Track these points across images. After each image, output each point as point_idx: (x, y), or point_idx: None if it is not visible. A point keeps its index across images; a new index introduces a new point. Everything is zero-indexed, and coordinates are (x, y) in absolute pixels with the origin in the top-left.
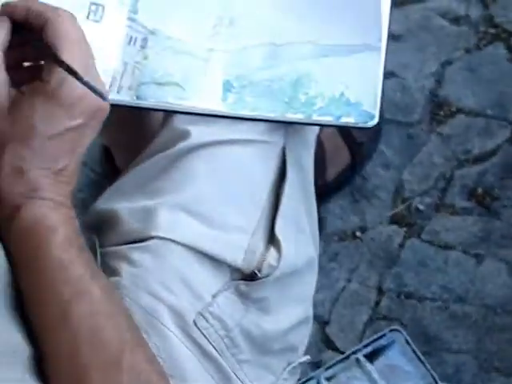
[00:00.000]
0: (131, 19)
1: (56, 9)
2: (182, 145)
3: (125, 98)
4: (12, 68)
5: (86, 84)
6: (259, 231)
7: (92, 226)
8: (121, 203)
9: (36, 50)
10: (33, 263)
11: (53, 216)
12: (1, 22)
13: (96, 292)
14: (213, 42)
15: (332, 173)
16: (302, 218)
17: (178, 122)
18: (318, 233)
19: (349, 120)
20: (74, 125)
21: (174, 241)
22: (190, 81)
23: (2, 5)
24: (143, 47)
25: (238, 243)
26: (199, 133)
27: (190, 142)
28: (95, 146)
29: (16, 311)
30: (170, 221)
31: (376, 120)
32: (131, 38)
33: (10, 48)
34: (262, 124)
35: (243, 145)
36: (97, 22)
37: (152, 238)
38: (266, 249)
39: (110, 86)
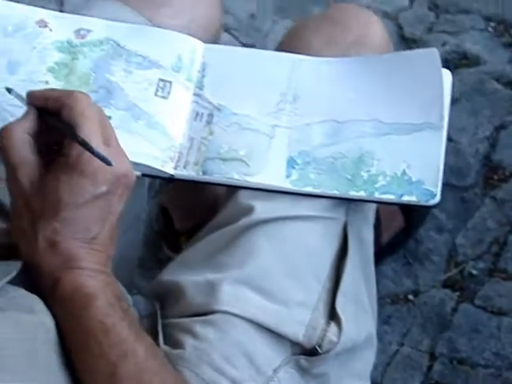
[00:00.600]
0: (197, 95)
1: (71, 92)
2: (245, 220)
3: (191, 173)
4: (40, 150)
5: (93, 153)
6: (320, 306)
7: (155, 296)
8: (185, 276)
9: (59, 132)
10: (77, 329)
11: (91, 284)
12: (28, 110)
13: (141, 352)
14: (277, 119)
15: (386, 236)
16: (361, 292)
17: (243, 197)
18: (376, 305)
19: (410, 199)
20: (98, 193)
21: (237, 315)
22: (254, 157)
23: (27, 93)
24: (209, 123)
25: (300, 318)
26: (263, 208)
27: (253, 218)
28: (153, 206)
29: (68, 369)
30: (233, 295)
31: (438, 199)
32: (197, 113)
33: (38, 132)
34: (324, 200)
35: (306, 221)
36: (164, 98)
37: (215, 311)
38: (327, 324)
39: (177, 161)
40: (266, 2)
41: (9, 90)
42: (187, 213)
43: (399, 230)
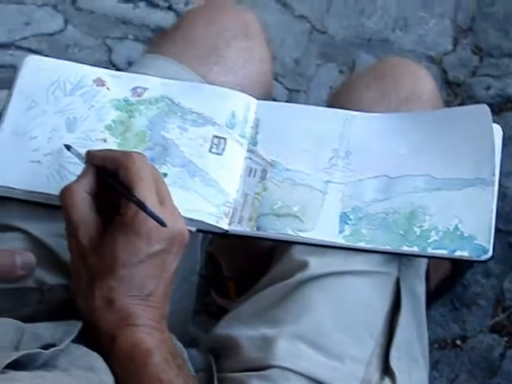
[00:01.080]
0: (251, 151)
1: (128, 153)
2: (300, 275)
3: (245, 228)
4: (98, 208)
5: (148, 213)
6: (374, 361)
7: (210, 349)
8: (240, 330)
9: (116, 192)
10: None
11: (147, 340)
12: (87, 169)
13: None
14: (329, 174)
15: (433, 282)
16: (414, 344)
17: (297, 253)
18: (427, 355)
19: (463, 254)
20: (153, 251)
21: (292, 370)
22: (308, 212)
23: (86, 153)
24: (263, 178)
25: (354, 373)
26: (317, 264)
27: (308, 273)
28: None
29: None
30: (288, 351)
31: (490, 254)
32: (251, 169)
33: (96, 191)
34: (377, 255)
35: (359, 276)
36: (219, 154)
37: (271, 366)
38: (381, 379)
39: (232, 216)
40: (310, 47)
41: (68, 148)
42: (235, 260)
43: (446, 276)
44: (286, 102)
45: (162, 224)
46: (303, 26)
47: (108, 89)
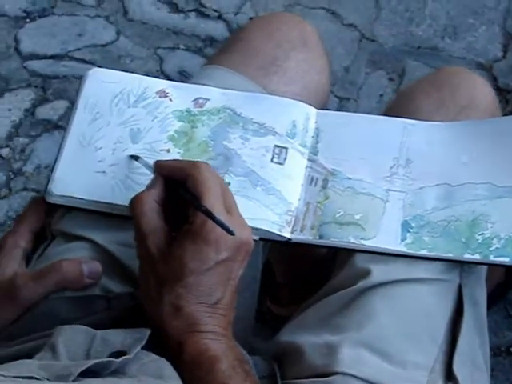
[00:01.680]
0: (312, 160)
1: (195, 163)
2: (362, 283)
3: (308, 237)
4: (166, 217)
5: (217, 222)
6: (437, 367)
7: (274, 356)
8: (304, 337)
9: (183, 200)
10: None
11: (214, 347)
12: (156, 179)
13: None
14: (390, 183)
15: (487, 289)
16: (476, 351)
17: (359, 261)
18: (489, 362)
19: None
20: (221, 259)
21: (356, 376)
22: (370, 221)
23: (154, 163)
24: (324, 187)
25: (417, 380)
26: (379, 272)
27: (370, 281)
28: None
29: None
30: (352, 357)
31: None
32: (312, 178)
33: (165, 200)
34: (439, 263)
35: (421, 283)
36: (280, 164)
37: (335, 373)
38: None
39: (294, 225)
40: (359, 55)
41: (135, 158)
42: (289, 266)
43: (500, 282)
44: (337, 110)
45: (230, 232)
46: (352, 34)
47: (171, 100)
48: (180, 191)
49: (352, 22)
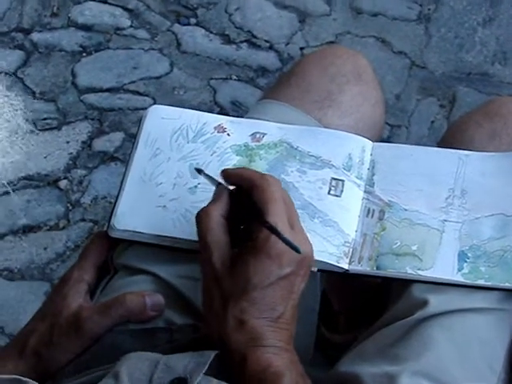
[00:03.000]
0: (368, 192)
1: (263, 175)
2: (420, 313)
3: (365, 268)
4: (230, 230)
5: (283, 240)
6: None
7: None
8: (363, 367)
9: (247, 212)
10: None
11: (277, 361)
12: (221, 193)
13: None
14: (446, 213)
15: None
16: None
17: (416, 291)
18: None
19: None
20: (283, 274)
21: None
22: (426, 251)
23: (222, 171)
24: (381, 219)
25: None
26: (437, 302)
27: (428, 311)
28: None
29: None
30: None
31: None
32: (369, 210)
33: (229, 213)
34: (496, 292)
35: (479, 313)
36: (337, 196)
37: None
38: None
39: (352, 256)
40: (410, 82)
41: (199, 171)
42: (344, 295)
43: None
44: (388, 137)
45: (296, 250)
46: (403, 61)
47: (228, 135)
48: (245, 204)
49: (402, 49)
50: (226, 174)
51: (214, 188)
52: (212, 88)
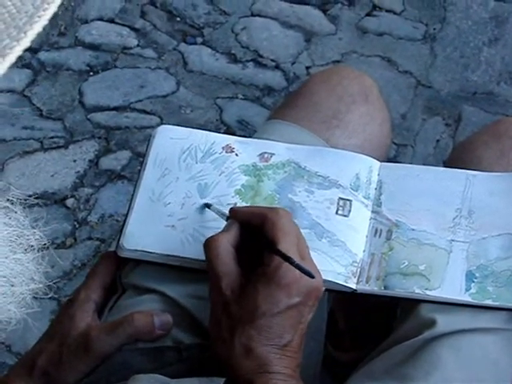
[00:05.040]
0: (375, 212)
1: (274, 208)
2: (428, 333)
3: (373, 288)
4: (240, 260)
5: (296, 266)
6: None
7: None
8: None
9: (258, 244)
10: None
11: None
12: (231, 224)
13: None
14: (453, 233)
15: None
16: None
17: (424, 311)
18: None
19: None
20: (292, 303)
21: None
22: (434, 271)
23: (230, 209)
24: (388, 239)
25: None
26: (445, 322)
27: (436, 331)
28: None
29: None
30: None
31: None
32: (377, 230)
33: (239, 244)
34: (504, 312)
35: (487, 333)
36: (345, 216)
37: None
38: None
39: (359, 276)
40: (415, 101)
41: (208, 206)
42: (351, 314)
43: None
44: (394, 156)
45: (310, 275)
46: (408, 81)
47: (237, 155)
48: (258, 236)
49: (407, 68)
50: (234, 212)
51: (221, 207)
52: (218, 107)
